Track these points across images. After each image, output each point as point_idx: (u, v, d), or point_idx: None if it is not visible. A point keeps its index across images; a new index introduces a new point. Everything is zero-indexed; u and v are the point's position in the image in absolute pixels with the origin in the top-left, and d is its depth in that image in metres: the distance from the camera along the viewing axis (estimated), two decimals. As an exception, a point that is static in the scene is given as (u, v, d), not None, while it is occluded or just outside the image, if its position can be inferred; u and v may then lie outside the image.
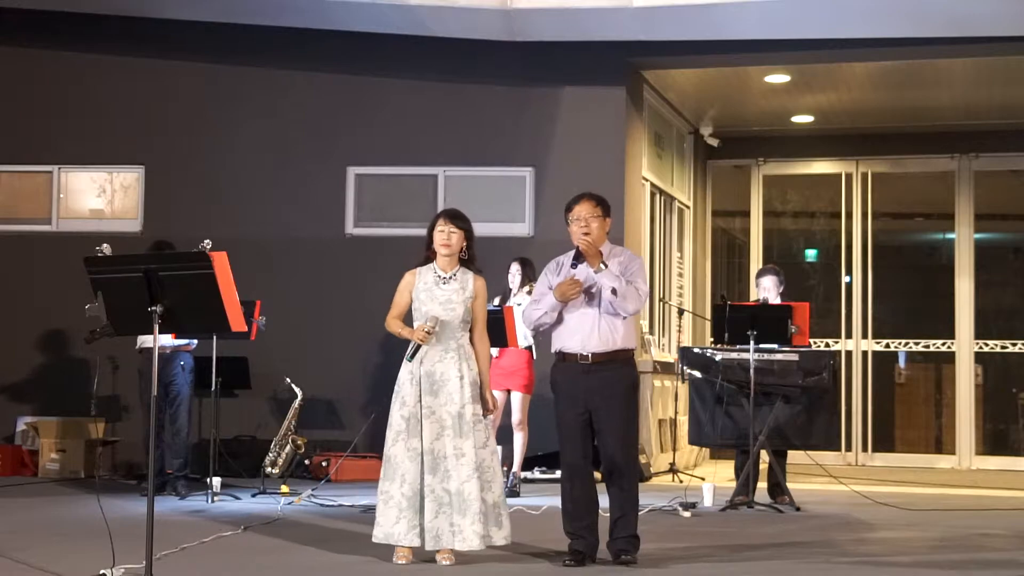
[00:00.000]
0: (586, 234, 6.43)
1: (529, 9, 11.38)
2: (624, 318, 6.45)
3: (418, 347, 6.39)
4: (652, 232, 13.51)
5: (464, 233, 6.54)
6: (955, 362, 14.71)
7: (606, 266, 6.42)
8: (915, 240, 16.60)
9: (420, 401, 6.39)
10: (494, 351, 9.48)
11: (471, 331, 6.54)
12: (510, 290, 10.17)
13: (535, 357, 10.05)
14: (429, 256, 6.58)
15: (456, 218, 6.57)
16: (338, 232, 12.39)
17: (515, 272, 10.17)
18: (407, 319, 6.58)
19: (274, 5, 11.82)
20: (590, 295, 6.44)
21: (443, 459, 6.35)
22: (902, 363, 15.13)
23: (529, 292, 9.95)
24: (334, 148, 12.42)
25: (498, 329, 9.33)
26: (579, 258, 6.48)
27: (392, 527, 6.34)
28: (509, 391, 10.09)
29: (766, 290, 9.77)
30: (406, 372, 6.46)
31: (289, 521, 8.21)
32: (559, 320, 6.52)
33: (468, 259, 6.56)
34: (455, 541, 6.29)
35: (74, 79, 12.74)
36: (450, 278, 6.50)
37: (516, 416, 10.09)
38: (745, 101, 14.06)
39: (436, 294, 6.47)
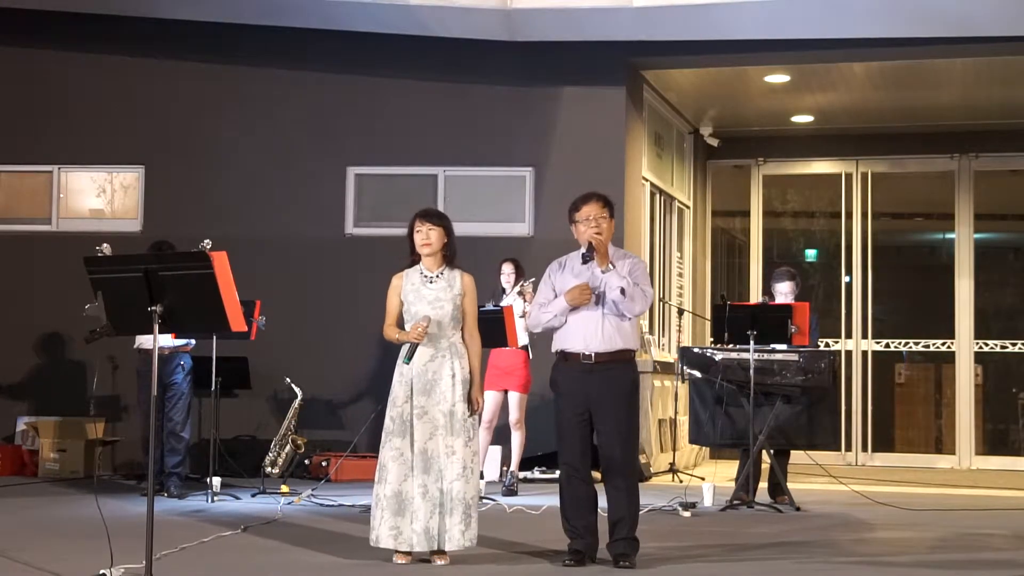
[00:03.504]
0: (598, 233, 6.42)
1: (529, 9, 11.38)
2: (628, 319, 6.46)
3: (414, 348, 6.39)
4: (652, 232, 13.51)
5: (443, 230, 6.52)
6: (955, 362, 14.71)
7: (614, 266, 6.43)
8: (915, 240, 16.60)
9: (410, 401, 6.38)
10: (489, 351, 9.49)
11: (462, 328, 6.54)
12: (503, 290, 10.17)
13: (531, 357, 10.08)
14: (415, 260, 6.59)
15: (432, 216, 6.58)
16: (338, 232, 12.39)
17: (509, 272, 10.22)
18: (399, 323, 6.58)
19: (275, 5, 11.81)
20: (595, 296, 6.44)
21: (435, 459, 6.34)
22: (902, 363, 15.12)
23: (520, 292, 9.98)
24: (334, 148, 12.42)
25: (498, 329, 9.34)
26: (588, 256, 6.45)
27: (379, 529, 6.34)
28: (506, 391, 10.14)
29: (783, 296, 9.67)
30: (397, 373, 6.46)
31: (289, 521, 8.20)
32: None
33: (450, 256, 6.55)
34: (446, 541, 6.29)
35: (74, 79, 12.73)
36: (436, 277, 6.50)
37: (514, 416, 10.16)
38: (745, 101, 14.06)
39: (424, 293, 6.47)
